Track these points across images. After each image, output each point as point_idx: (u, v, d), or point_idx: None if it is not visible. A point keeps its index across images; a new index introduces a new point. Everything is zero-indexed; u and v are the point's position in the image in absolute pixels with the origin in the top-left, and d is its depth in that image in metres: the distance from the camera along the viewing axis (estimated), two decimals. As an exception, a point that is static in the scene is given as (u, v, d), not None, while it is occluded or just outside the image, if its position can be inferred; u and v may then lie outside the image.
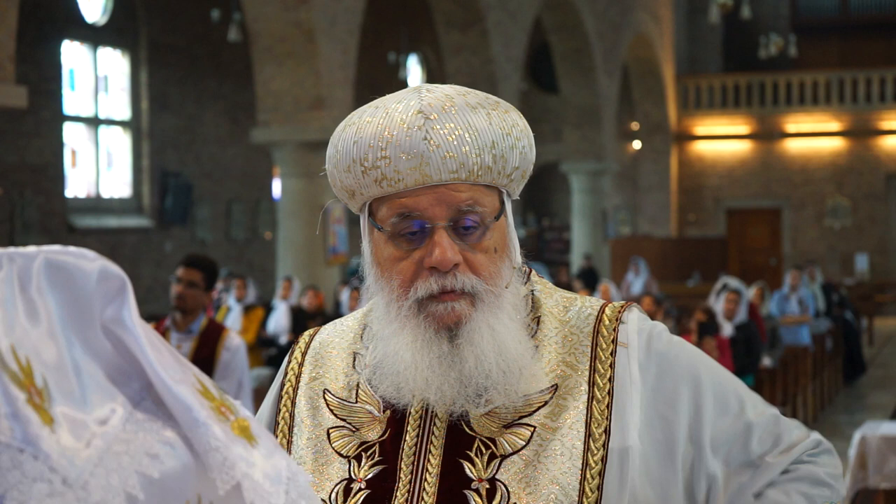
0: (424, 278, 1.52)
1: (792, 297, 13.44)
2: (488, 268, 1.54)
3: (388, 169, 1.50)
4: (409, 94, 1.55)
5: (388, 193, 1.53)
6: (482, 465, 1.53)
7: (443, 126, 1.49)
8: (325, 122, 12.88)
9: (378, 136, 1.51)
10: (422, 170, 1.49)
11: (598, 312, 1.62)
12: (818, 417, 12.41)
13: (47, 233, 15.32)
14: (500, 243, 1.56)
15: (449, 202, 1.51)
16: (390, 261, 1.55)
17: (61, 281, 0.80)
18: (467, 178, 1.51)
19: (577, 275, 19.00)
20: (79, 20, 16.54)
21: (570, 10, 20.43)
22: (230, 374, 5.07)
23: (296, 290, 12.31)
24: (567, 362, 1.58)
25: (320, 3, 12.79)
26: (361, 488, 1.57)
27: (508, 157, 1.54)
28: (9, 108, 9.11)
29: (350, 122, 1.57)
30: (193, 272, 5.08)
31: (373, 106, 1.57)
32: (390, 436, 1.59)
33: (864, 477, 6.74)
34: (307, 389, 1.68)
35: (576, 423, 1.53)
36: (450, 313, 1.52)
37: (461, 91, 1.56)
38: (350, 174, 1.55)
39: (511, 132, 1.54)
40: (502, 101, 1.58)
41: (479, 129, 1.51)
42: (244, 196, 19.61)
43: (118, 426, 0.79)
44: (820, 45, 28.38)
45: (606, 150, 22.21)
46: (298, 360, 1.72)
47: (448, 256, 1.50)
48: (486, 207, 1.53)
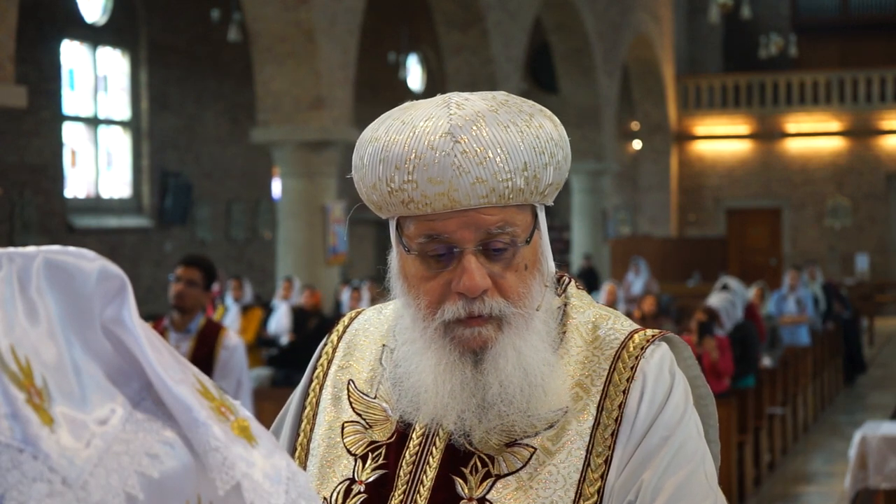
0: (452, 301, 1.47)
1: (790, 298, 13.44)
2: (517, 289, 1.49)
3: (416, 193, 1.44)
4: (438, 108, 1.48)
5: (415, 214, 1.48)
6: (475, 483, 1.50)
7: (472, 150, 1.43)
8: (324, 122, 12.88)
9: (405, 158, 1.44)
10: (450, 195, 1.43)
11: (624, 339, 1.54)
12: (818, 417, 12.42)
13: (47, 233, 15.32)
14: (532, 259, 1.51)
15: (478, 225, 1.45)
16: (417, 279, 1.50)
17: (61, 281, 0.80)
18: (498, 201, 1.45)
19: (577, 275, 19.01)
20: (78, 20, 16.54)
21: (570, 9, 20.44)
22: (229, 374, 5.06)
23: (296, 290, 12.31)
24: (582, 385, 1.52)
25: (320, 3, 12.79)
26: (360, 491, 1.56)
27: (542, 176, 1.48)
28: (8, 108, 9.11)
29: (376, 136, 1.50)
30: (193, 271, 5.08)
31: (399, 120, 1.49)
32: (396, 440, 1.57)
33: (864, 477, 6.74)
34: (334, 378, 1.67)
35: (576, 450, 1.48)
36: (476, 338, 1.48)
37: (492, 105, 1.48)
38: (376, 191, 1.49)
39: (545, 149, 1.48)
40: (537, 111, 1.51)
41: (510, 150, 1.44)
42: (244, 196, 19.62)
43: (118, 426, 0.79)
44: (820, 45, 28.39)
45: (606, 150, 22.22)
46: (334, 343, 1.71)
47: (477, 282, 1.45)
48: (517, 227, 1.48)
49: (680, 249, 23.35)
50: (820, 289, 14.97)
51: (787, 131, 26.57)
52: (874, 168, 26.08)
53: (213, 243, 18.68)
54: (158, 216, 17.76)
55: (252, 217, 19.84)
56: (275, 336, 11.74)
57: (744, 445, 8.66)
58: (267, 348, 11.61)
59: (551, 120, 1.52)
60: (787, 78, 26.70)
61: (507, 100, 1.51)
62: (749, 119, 26.88)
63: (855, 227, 26.22)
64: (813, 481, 9.65)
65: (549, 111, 1.55)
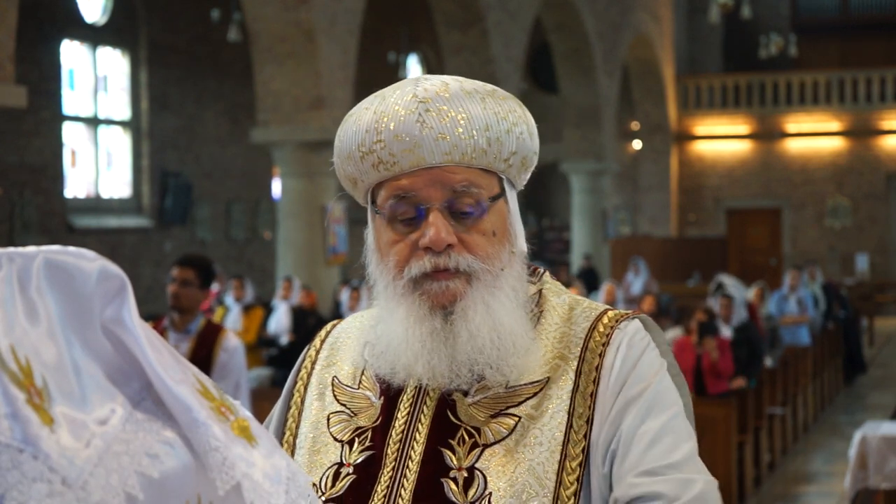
0: (419, 258, 1.53)
1: (791, 298, 13.44)
2: (485, 248, 1.55)
3: (384, 152, 1.52)
4: (407, 83, 1.58)
5: (385, 177, 1.55)
6: (463, 453, 1.53)
7: (437, 110, 1.51)
8: (324, 122, 12.88)
9: (375, 121, 1.54)
10: (416, 152, 1.51)
11: (600, 313, 1.61)
12: (818, 417, 12.42)
13: (47, 233, 15.32)
14: (500, 228, 1.57)
15: (444, 183, 1.52)
16: (388, 244, 1.58)
17: (61, 281, 0.80)
18: (461, 159, 1.52)
19: (577, 275, 19.00)
20: (78, 20, 16.54)
21: (570, 9, 20.43)
22: (227, 375, 5.06)
23: (296, 290, 12.31)
24: (560, 355, 1.57)
25: (320, 3, 12.79)
26: (349, 473, 1.58)
27: (504, 141, 1.55)
28: (8, 108, 9.11)
29: (351, 114, 1.60)
30: (187, 271, 5.08)
31: (373, 95, 1.60)
32: (382, 422, 1.60)
33: (864, 477, 6.74)
34: (319, 376, 1.72)
35: (557, 413, 1.52)
36: (444, 291, 1.54)
37: (459, 79, 1.58)
38: (350, 161, 1.58)
39: (507, 117, 1.56)
40: (500, 90, 1.60)
41: (472, 112, 1.53)
42: (244, 196, 19.62)
43: (118, 426, 0.79)
44: (820, 45, 28.39)
45: (606, 150, 22.21)
46: (317, 347, 1.77)
47: (442, 236, 1.51)
48: (482, 189, 1.54)
49: (680, 249, 23.34)
50: (820, 289, 14.97)
51: (787, 131, 26.56)
52: (874, 168, 26.07)
53: (213, 243, 18.68)
54: (158, 216, 17.76)
55: (252, 217, 19.84)
56: (275, 336, 11.74)
57: (744, 445, 8.66)
58: (267, 348, 11.61)
59: (515, 100, 1.60)
60: (787, 78, 26.69)
61: (474, 80, 1.60)
62: (749, 119, 26.87)
63: (855, 227, 26.22)
64: (813, 481, 9.64)
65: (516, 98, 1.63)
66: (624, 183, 26.81)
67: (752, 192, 26.83)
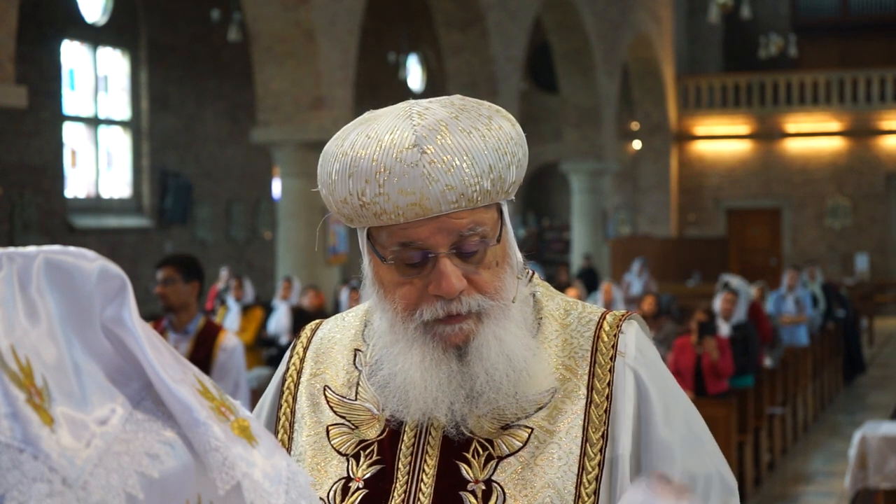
0: (430, 303, 1.50)
1: (789, 297, 13.44)
2: (493, 284, 1.53)
3: (388, 205, 1.47)
4: (401, 120, 1.50)
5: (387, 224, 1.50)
6: (479, 466, 1.53)
7: (439, 158, 1.46)
8: (324, 122, 12.88)
9: (374, 171, 1.47)
10: (422, 204, 1.47)
11: (598, 319, 1.62)
12: (818, 417, 12.41)
13: (47, 233, 15.32)
14: (502, 255, 1.56)
15: (450, 230, 1.49)
16: (393, 284, 1.54)
17: (61, 281, 0.80)
18: (467, 205, 1.49)
19: (577, 275, 19.00)
20: (79, 20, 16.54)
21: (569, 9, 20.43)
22: (226, 375, 5.06)
23: (296, 290, 12.30)
24: (567, 366, 1.58)
25: (320, 3, 12.79)
26: (359, 488, 1.57)
27: (506, 176, 1.52)
28: (9, 108, 9.11)
29: (343, 150, 1.52)
30: (167, 269, 5.10)
31: (364, 134, 1.51)
32: (388, 435, 1.59)
33: (864, 477, 6.74)
34: (308, 385, 1.69)
35: (573, 428, 1.54)
36: (457, 333, 1.52)
37: (452, 112, 1.51)
38: (347, 205, 1.51)
39: (507, 150, 1.52)
40: (494, 112, 1.55)
41: (475, 156, 1.48)
42: (244, 196, 19.62)
43: (118, 426, 0.79)
44: (820, 45, 28.38)
45: (606, 150, 22.21)
46: (300, 354, 1.73)
47: (454, 285, 1.49)
48: (486, 226, 1.52)
49: (680, 249, 23.34)
50: (820, 289, 14.97)
51: (787, 131, 26.56)
52: (874, 168, 26.07)
53: (213, 243, 18.68)
54: (158, 216, 17.76)
55: (252, 217, 19.84)
56: (274, 336, 11.73)
57: (744, 445, 8.66)
58: (267, 348, 11.61)
59: (508, 119, 1.56)
60: (787, 78, 26.69)
61: (465, 104, 1.54)
62: (749, 119, 26.87)
63: (855, 227, 26.22)
64: (813, 481, 9.64)
65: (505, 111, 1.58)
66: (624, 183, 26.81)
67: (751, 192, 26.83)
